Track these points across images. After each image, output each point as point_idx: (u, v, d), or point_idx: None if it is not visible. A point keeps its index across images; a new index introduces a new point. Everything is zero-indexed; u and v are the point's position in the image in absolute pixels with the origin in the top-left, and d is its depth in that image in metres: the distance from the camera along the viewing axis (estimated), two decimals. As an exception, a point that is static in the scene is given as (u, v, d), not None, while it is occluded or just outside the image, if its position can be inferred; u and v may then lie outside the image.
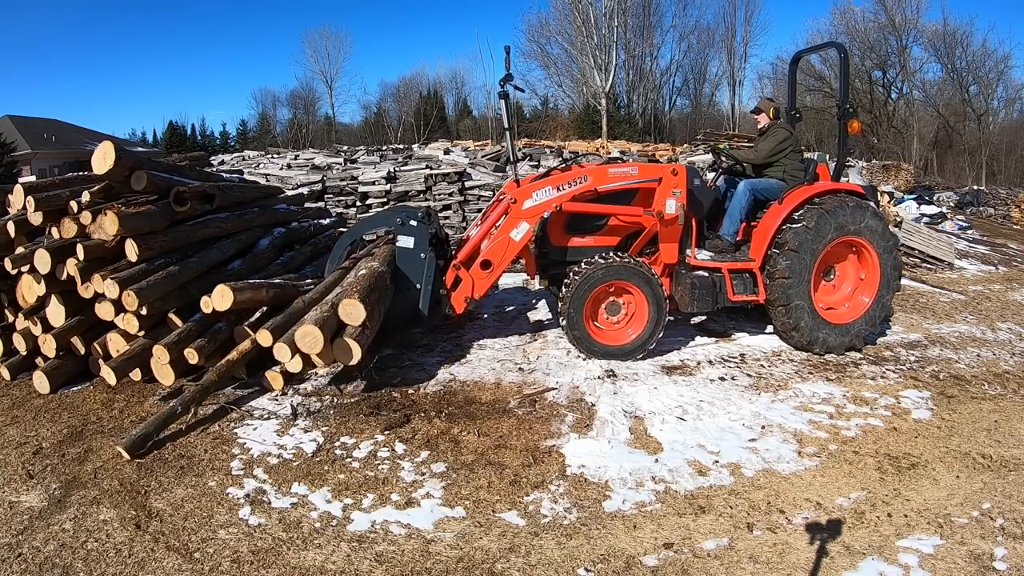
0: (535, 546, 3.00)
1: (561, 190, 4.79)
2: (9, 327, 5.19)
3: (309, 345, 4.03)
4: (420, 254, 4.85)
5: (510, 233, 4.75)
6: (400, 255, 4.92)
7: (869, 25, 30.85)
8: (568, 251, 5.21)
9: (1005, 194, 19.15)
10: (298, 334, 4.04)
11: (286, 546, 3.01)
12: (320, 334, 4.01)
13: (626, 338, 5.03)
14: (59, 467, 3.77)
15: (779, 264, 4.94)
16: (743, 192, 5.21)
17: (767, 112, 5.49)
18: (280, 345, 4.11)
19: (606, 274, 4.83)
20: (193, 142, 40.55)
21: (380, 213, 5.90)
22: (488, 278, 4.86)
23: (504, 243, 4.76)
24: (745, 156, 5.43)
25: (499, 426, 4.16)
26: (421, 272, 4.85)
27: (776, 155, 5.25)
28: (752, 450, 3.83)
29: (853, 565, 2.84)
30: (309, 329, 4.02)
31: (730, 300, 5.06)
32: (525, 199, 4.76)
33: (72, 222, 4.89)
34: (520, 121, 32.80)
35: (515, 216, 4.74)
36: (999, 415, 4.36)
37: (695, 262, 5.06)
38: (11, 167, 22.50)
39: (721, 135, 16.01)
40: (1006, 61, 30.10)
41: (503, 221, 4.87)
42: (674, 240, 5.04)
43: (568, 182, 4.83)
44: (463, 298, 4.90)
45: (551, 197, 4.77)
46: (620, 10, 31.80)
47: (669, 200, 4.84)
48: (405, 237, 4.91)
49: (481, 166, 9.17)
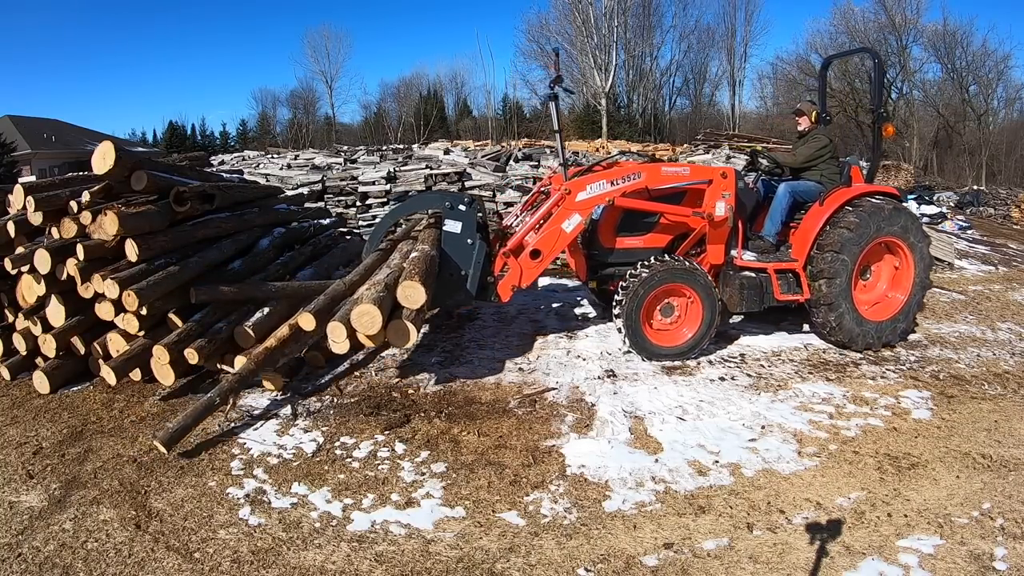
0: (535, 546, 3.00)
1: (615, 185, 4.81)
2: (9, 327, 5.19)
3: (366, 325, 3.88)
4: (467, 239, 4.81)
5: (562, 224, 4.76)
6: (446, 239, 4.86)
7: (869, 25, 30.89)
8: (617, 252, 5.27)
9: (1005, 194, 19.14)
10: (355, 313, 3.87)
11: (286, 546, 3.01)
12: (379, 314, 3.87)
13: (681, 339, 5.06)
14: (59, 467, 3.78)
15: (823, 264, 5.06)
16: (783, 194, 5.30)
17: (809, 115, 5.55)
18: (336, 324, 3.91)
19: (665, 276, 4.88)
20: (193, 142, 40.55)
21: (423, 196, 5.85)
22: (536, 268, 4.86)
23: (555, 233, 4.76)
24: (784, 160, 5.53)
25: (499, 426, 4.16)
26: (468, 257, 4.80)
27: (814, 160, 5.35)
28: (752, 450, 3.83)
29: (853, 565, 2.84)
30: (367, 308, 3.87)
31: (776, 300, 5.15)
32: (579, 191, 4.76)
33: (72, 222, 4.89)
34: (520, 121, 32.78)
35: (568, 207, 4.75)
36: (999, 415, 4.36)
37: (741, 263, 5.14)
38: (11, 167, 22.49)
39: (721, 135, 16.01)
40: (1006, 61, 30.15)
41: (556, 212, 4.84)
42: (721, 241, 5.13)
43: (622, 177, 4.85)
44: (510, 287, 4.88)
45: (604, 191, 4.78)
46: (620, 10, 31.81)
47: (719, 202, 4.90)
48: (453, 222, 4.86)
49: (481, 166, 9.16)
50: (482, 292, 4.92)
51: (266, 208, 6.69)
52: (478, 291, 4.88)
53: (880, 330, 5.37)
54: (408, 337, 4.04)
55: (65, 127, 32.16)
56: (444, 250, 4.83)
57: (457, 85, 43.95)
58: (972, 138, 29.34)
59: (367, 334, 3.93)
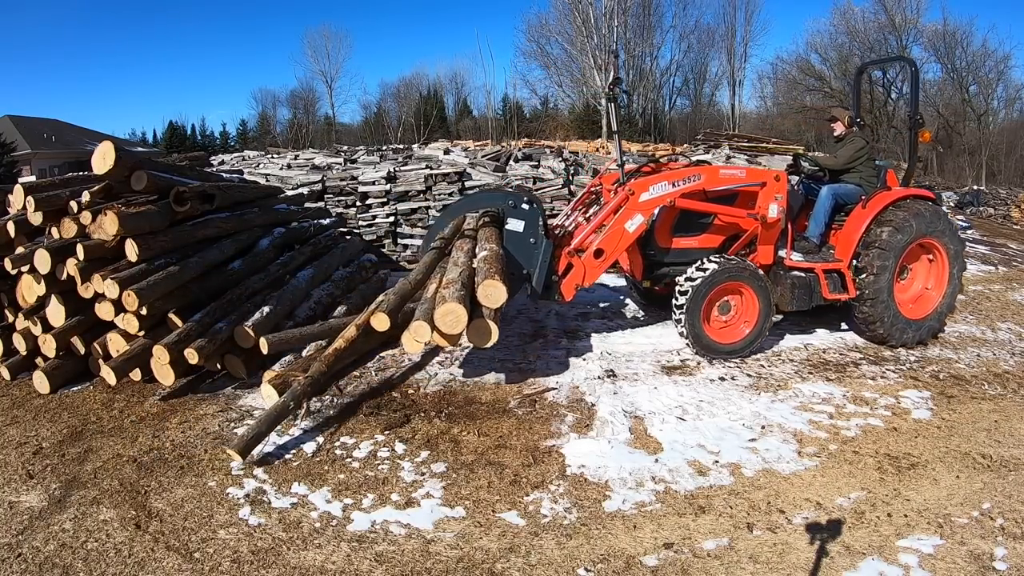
0: (535, 546, 3.00)
1: (676, 186, 4.91)
2: (9, 327, 5.19)
3: (450, 324, 3.85)
4: (530, 238, 4.85)
5: (625, 224, 4.84)
6: (508, 238, 4.87)
7: (869, 25, 30.85)
8: (673, 252, 5.35)
9: (1005, 194, 19.12)
10: (439, 312, 3.83)
11: (286, 546, 3.01)
12: (464, 313, 3.85)
13: (740, 335, 5.18)
14: (59, 467, 3.78)
15: (867, 263, 5.25)
16: (826, 196, 5.44)
17: (842, 120, 5.71)
18: (420, 323, 3.88)
19: (726, 275, 4.99)
20: (193, 142, 40.51)
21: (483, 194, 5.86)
22: (599, 267, 4.93)
23: (619, 233, 4.84)
24: (825, 162, 5.66)
25: (499, 426, 4.16)
26: (530, 256, 4.82)
27: (854, 162, 5.50)
28: (752, 450, 3.83)
29: (853, 565, 2.84)
30: (453, 307, 3.84)
31: (824, 298, 5.30)
32: (642, 192, 4.84)
33: (72, 222, 4.89)
34: (520, 121, 32.75)
35: (632, 208, 4.83)
36: (999, 415, 4.36)
37: (791, 263, 5.30)
38: (11, 167, 22.48)
39: (721, 135, 16.01)
40: (1006, 61, 30.12)
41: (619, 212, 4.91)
42: (771, 242, 5.30)
43: (683, 179, 4.95)
44: (574, 286, 4.93)
45: (666, 192, 4.88)
46: (620, 10, 31.74)
47: (772, 204, 5.04)
48: (515, 220, 4.88)
49: (481, 166, 9.16)
50: (546, 291, 4.95)
51: (266, 208, 6.70)
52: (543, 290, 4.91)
53: (917, 328, 5.54)
54: (490, 336, 4.04)
55: (65, 127, 32.14)
56: (506, 248, 4.82)
57: (457, 85, 43.95)
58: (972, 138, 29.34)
59: (450, 333, 3.90)
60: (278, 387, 4.29)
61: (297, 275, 6.03)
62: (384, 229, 8.93)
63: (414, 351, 3.99)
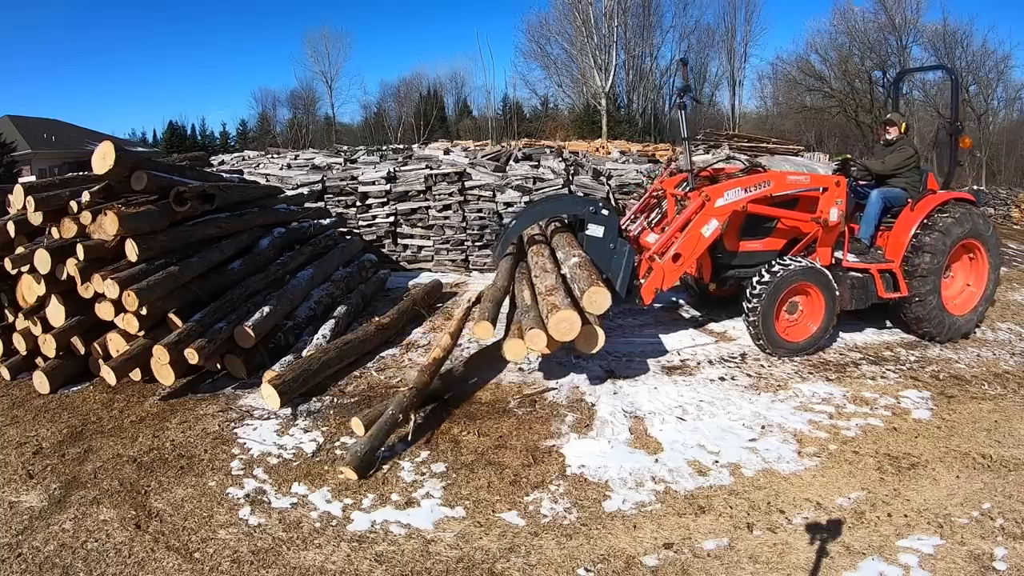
0: (535, 546, 3.00)
1: (748, 192, 5.06)
2: (9, 327, 5.19)
3: (564, 331, 3.92)
4: (610, 243, 4.92)
5: (701, 229, 4.96)
6: (588, 243, 4.95)
7: (869, 25, 30.79)
8: (740, 255, 5.50)
9: (1005, 194, 19.10)
10: (553, 320, 3.90)
11: (286, 546, 3.01)
12: (578, 320, 3.93)
13: (807, 333, 5.32)
14: (59, 467, 3.78)
15: (918, 263, 5.48)
16: (876, 200, 5.65)
17: (899, 126, 5.90)
18: (537, 331, 3.95)
19: (798, 276, 5.16)
20: (193, 142, 40.49)
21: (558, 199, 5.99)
22: (677, 271, 5.04)
23: (695, 238, 4.96)
24: (874, 167, 5.83)
25: (499, 426, 4.16)
26: (608, 260, 4.88)
27: (900, 168, 5.71)
28: (752, 450, 3.83)
29: (853, 565, 2.84)
30: (567, 315, 3.91)
31: (879, 297, 5.52)
32: (718, 198, 4.98)
33: (72, 222, 4.89)
34: (520, 121, 32.74)
35: (707, 213, 4.95)
36: (999, 415, 4.36)
37: (848, 264, 5.50)
38: (11, 167, 22.43)
39: (721, 135, 16.01)
40: (1006, 61, 30.05)
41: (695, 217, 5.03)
42: (830, 244, 5.51)
43: (754, 185, 5.12)
44: (654, 289, 5.02)
45: (740, 197, 5.04)
46: (620, 10, 31.73)
47: (833, 208, 5.27)
48: (595, 226, 4.96)
49: (481, 166, 9.15)
50: (628, 295, 5.02)
51: (266, 208, 6.70)
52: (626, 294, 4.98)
53: (960, 323, 5.78)
54: (597, 342, 4.09)
55: (65, 127, 32.12)
56: (586, 253, 4.88)
57: (457, 85, 43.92)
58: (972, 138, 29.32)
59: (562, 340, 3.96)
60: (278, 387, 4.29)
61: (297, 275, 6.03)
62: (384, 229, 8.92)
63: (518, 359, 4.11)
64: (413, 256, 8.99)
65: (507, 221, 5.42)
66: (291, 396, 4.41)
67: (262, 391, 4.41)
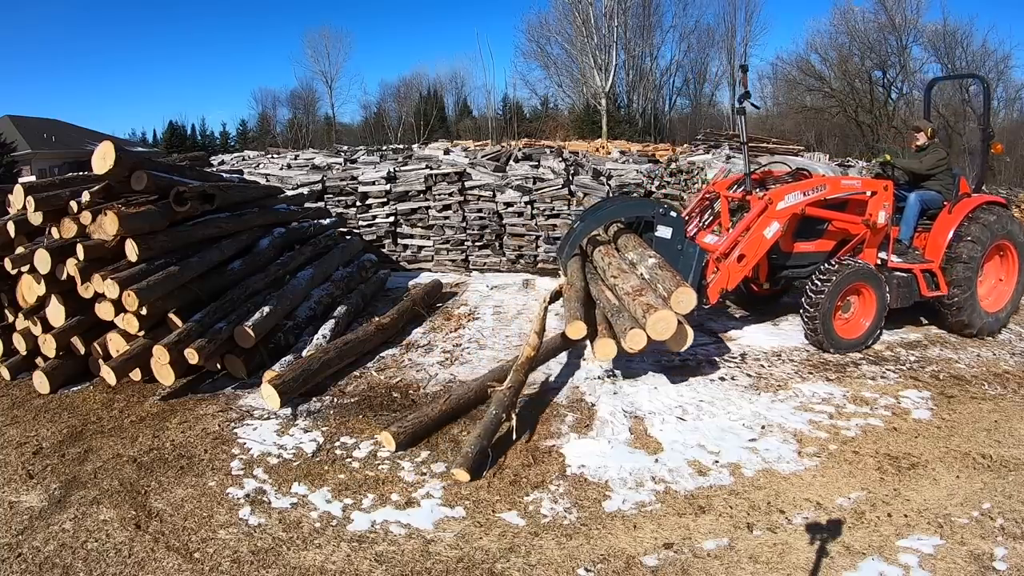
0: (535, 546, 3.00)
1: (806, 195, 5.27)
2: (9, 327, 5.19)
3: (660, 331, 4.07)
4: (677, 245, 5.09)
5: (763, 231, 5.15)
6: (657, 244, 5.13)
7: (869, 25, 30.77)
8: (794, 256, 5.71)
9: (1006, 194, 19.10)
10: (652, 319, 4.05)
11: (286, 546, 3.01)
12: (674, 319, 4.09)
13: (861, 330, 5.50)
14: (59, 467, 3.78)
15: (957, 263, 5.71)
16: (914, 202, 5.87)
17: (926, 131, 6.15)
18: (637, 331, 4.10)
19: (854, 276, 5.36)
20: (193, 142, 40.45)
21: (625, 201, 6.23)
22: (740, 271, 5.19)
23: (758, 240, 5.15)
24: (910, 166, 6.03)
25: (499, 426, 4.15)
26: (675, 261, 4.99)
27: (934, 169, 5.95)
28: (752, 450, 3.83)
29: (853, 565, 2.84)
30: (665, 315, 4.06)
31: (921, 295, 5.73)
32: (779, 201, 5.17)
33: (72, 222, 4.89)
34: (520, 121, 32.70)
35: (769, 216, 5.15)
36: (999, 415, 4.36)
37: (893, 264, 5.72)
38: (11, 167, 22.42)
39: (721, 135, 16.01)
40: (1006, 61, 30.02)
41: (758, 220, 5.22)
42: (876, 246, 5.73)
43: (812, 188, 5.34)
44: (719, 289, 5.12)
45: (799, 201, 5.24)
46: (620, 10, 31.72)
47: (881, 211, 5.49)
48: (664, 227, 5.18)
49: (481, 166, 9.15)
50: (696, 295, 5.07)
51: (266, 208, 6.70)
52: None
53: (995, 318, 5.99)
54: (686, 341, 4.25)
55: (65, 127, 32.11)
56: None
57: (457, 85, 43.90)
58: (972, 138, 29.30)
59: (658, 339, 4.12)
60: (278, 387, 4.30)
61: (297, 275, 6.04)
62: (384, 229, 8.92)
63: (607, 358, 4.32)
64: (413, 256, 8.99)
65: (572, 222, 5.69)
66: (291, 396, 4.41)
67: (262, 391, 4.41)
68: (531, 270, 8.67)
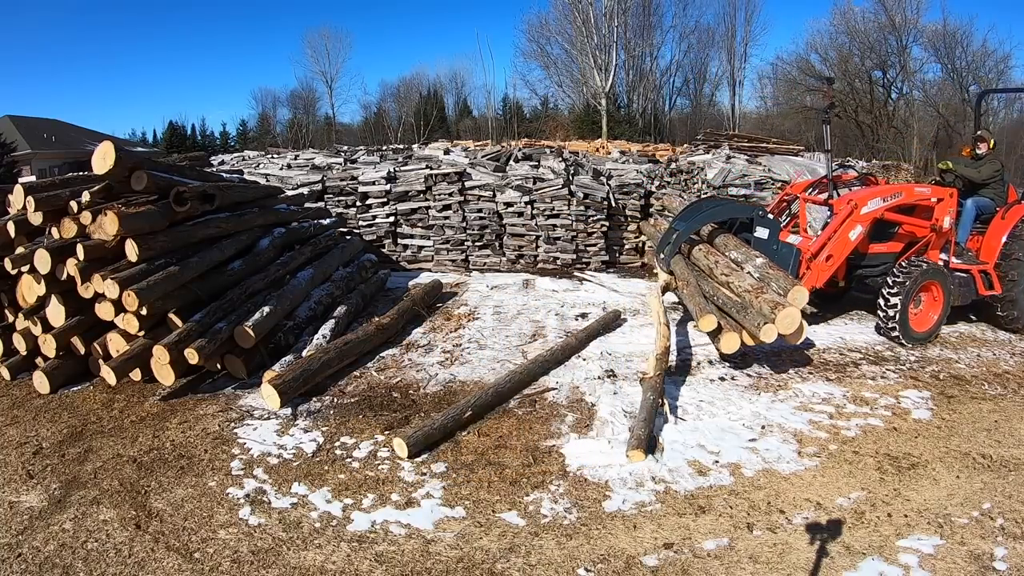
0: (535, 546, 3.00)
1: (885, 201, 5.76)
2: (9, 327, 5.19)
3: (788, 325, 4.50)
4: (773, 245, 5.56)
5: (849, 233, 5.59)
6: (755, 244, 5.58)
7: (869, 25, 30.73)
8: (869, 257, 6.11)
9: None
10: (781, 315, 4.47)
11: (286, 546, 3.01)
12: (799, 315, 4.52)
13: (930, 323, 5.88)
14: (59, 467, 3.77)
15: (1010, 265, 6.13)
16: (970, 208, 6.32)
17: (988, 142, 6.60)
18: (770, 326, 4.48)
19: (928, 275, 5.75)
20: (193, 142, 40.43)
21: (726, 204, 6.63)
22: (828, 270, 5.60)
23: (844, 241, 5.59)
24: (969, 174, 6.44)
25: (499, 426, 4.16)
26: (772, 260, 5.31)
27: (991, 179, 6.39)
28: (752, 450, 3.83)
29: (853, 565, 2.84)
30: (791, 312, 4.48)
31: (978, 294, 6.15)
32: (863, 206, 5.62)
33: (72, 222, 4.89)
34: (520, 121, 32.68)
35: (855, 219, 5.60)
36: (999, 415, 4.36)
37: (954, 265, 6.13)
38: (11, 167, 22.40)
39: (721, 135, 16.01)
40: (1006, 61, 29.96)
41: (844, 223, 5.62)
42: (939, 248, 6.18)
43: (890, 195, 5.83)
44: (811, 286, 5.38)
45: (880, 206, 5.71)
46: (620, 10, 31.68)
47: (947, 216, 5.93)
48: (762, 228, 5.67)
49: (481, 166, 9.15)
50: None
51: (266, 208, 6.70)
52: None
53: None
54: (803, 334, 4.64)
55: (65, 127, 32.09)
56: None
57: (457, 85, 43.86)
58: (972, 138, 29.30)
59: (785, 333, 4.54)
60: (278, 387, 4.30)
61: (297, 275, 6.04)
62: (384, 229, 8.93)
63: (732, 351, 4.69)
64: (413, 256, 8.99)
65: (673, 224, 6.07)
66: (291, 396, 4.42)
67: (262, 391, 4.41)
68: (531, 270, 8.67)
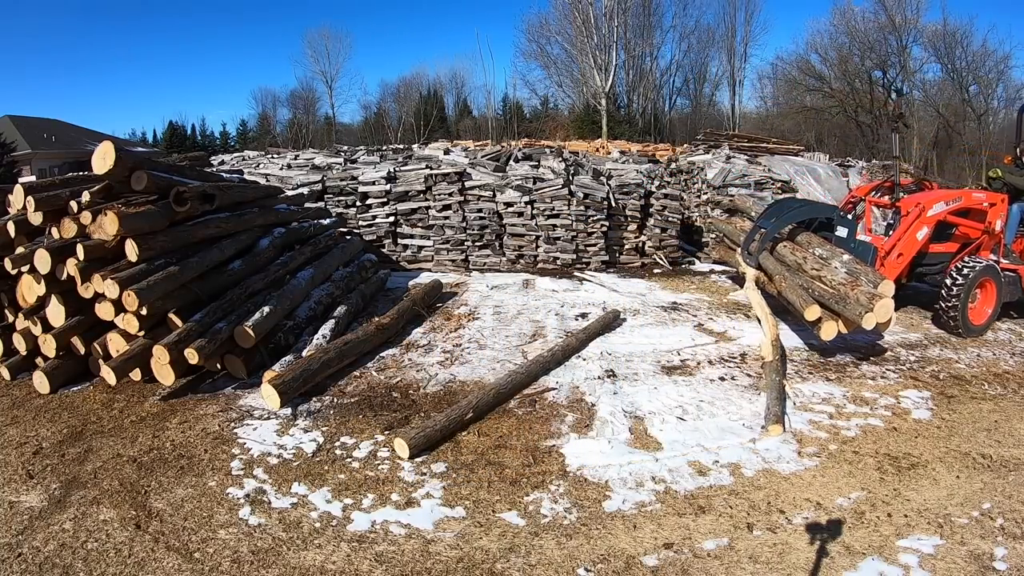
0: (535, 546, 3.00)
1: (947, 204, 6.18)
2: (9, 327, 5.19)
3: (883, 315, 4.84)
4: (851, 243, 6.01)
5: (916, 234, 6.05)
6: (836, 241, 6.02)
7: (869, 25, 30.73)
8: (929, 255, 6.44)
9: None
10: (878, 305, 4.79)
11: (286, 546, 3.01)
12: (891, 305, 4.89)
13: (984, 317, 6.24)
14: (59, 467, 3.77)
15: None
16: (1016, 213, 6.62)
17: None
18: (870, 315, 4.77)
19: (985, 272, 6.11)
20: (193, 142, 40.42)
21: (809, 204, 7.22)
22: (898, 267, 6.04)
23: (912, 241, 6.05)
24: (1018, 183, 6.74)
25: (499, 426, 4.16)
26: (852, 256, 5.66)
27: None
28: (752, 450, 3.83)
29: (853, 565, 2.84)
30: (887, 303, 4.85)
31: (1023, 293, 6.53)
32: (929, 209, 6.05)
33: (72, 222, 4.89)
34: (520, 121, 32.69)
35: (922, 221, 6.05)
36: (999, 415, 4.36)
37: (1003, 265, 6.41)
38: (11, 167, 22.38)
39: (721, 135, 16.01)
40: (1006, 61, 29.96)
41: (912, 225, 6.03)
42: (989, 249, 6.54)
43: (953, 199, 6.25)
44: None
45: (943, 209, 6.14)
46: (620, 10, 31.70)
47: (998, 220, 6.38)
48: (842, 227, 6.16)
49: (481, 166, 9.15)
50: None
51: (266, 208, 6.69)
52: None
53: None
54: (891, 321, 4.99)
55: (65, 127, 32.08)
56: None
57: (457, 85, 43.85)
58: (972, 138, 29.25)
59: (880, 321, 4.86)
60: (278, 387, 4.30)
61: (297, 275, 6.03)
62: (384, 229, 8.92)
63: (830, 338, 5.03)
64: (413, 256, 8.99)
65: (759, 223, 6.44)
66: (291, 396, 4.42)
67: (262, 391, 4.41)
68: (531, 270, 8.67)
